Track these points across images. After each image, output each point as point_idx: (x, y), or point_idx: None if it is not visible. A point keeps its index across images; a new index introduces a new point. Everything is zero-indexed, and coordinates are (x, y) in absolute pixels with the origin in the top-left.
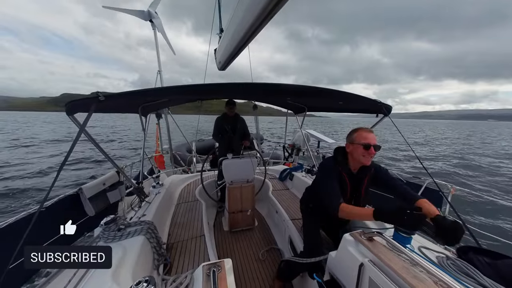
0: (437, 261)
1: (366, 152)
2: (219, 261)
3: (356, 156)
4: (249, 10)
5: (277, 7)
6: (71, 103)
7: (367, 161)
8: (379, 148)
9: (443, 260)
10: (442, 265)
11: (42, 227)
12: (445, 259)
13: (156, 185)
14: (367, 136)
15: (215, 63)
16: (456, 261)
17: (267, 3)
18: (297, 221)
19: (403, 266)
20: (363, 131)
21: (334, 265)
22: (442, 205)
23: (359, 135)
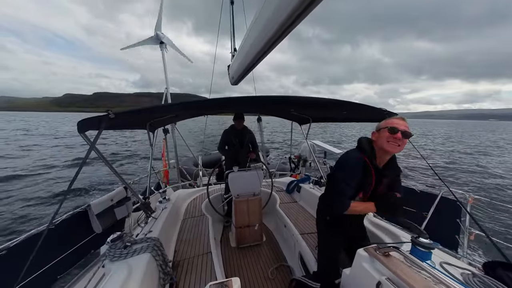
0: (462, 278)
1: (391, 136)
2: (226, 280)
3: (381, 144)
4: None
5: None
6: (82, 121)
7: (393, 148)
8: (409, 135)
9: (469, 277)
10: (468, 283)
11: (50, 245)
12: (471, 276)
13: (163, 200)
14: (394, 121)
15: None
16: (483, 278)
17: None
18: (307, 235)
19: (425, 285)
20: (393, 118)
21: (349, 283)
22: (461, 216)
23: (387, 122)
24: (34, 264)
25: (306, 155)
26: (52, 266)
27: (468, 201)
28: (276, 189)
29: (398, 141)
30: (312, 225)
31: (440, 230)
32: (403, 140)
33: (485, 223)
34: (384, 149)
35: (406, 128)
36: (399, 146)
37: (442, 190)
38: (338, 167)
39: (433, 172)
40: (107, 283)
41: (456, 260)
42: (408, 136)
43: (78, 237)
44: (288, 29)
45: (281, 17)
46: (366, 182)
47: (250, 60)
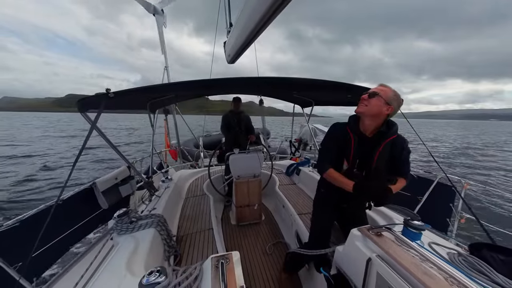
0: (448, 257)
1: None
2: (227, 253)
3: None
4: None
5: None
6: (82, 100)
7: (358, 108)
8: (373, 94)
9: (454, 256)
10: (453, 261)
11: (59, 219)
12: (457, 255)
13: (165, 179)
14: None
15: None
16: (468, 258)
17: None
18: (304, 215)
19: (413, 262)
20: None
21: (341, 259)
22: (454, 201)
23: None
24: (47, 235)
25: (307, 139)
26: (64, 237)
27: (464, 186)
28: (276, 172)
29: (363, 101)
30: (309, 206)
31: (433, 213)
32: (369, 100)
33: (477, 209)
34: (356, 112)
35: (375, 90)
36: (366, 106)
37: (439, 176)
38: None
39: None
40: (117, 253)
41: (444, 241)
42: (373, 95)
43: (86, 212)
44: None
45: None
46: (346, 148)
47: (247, 34)
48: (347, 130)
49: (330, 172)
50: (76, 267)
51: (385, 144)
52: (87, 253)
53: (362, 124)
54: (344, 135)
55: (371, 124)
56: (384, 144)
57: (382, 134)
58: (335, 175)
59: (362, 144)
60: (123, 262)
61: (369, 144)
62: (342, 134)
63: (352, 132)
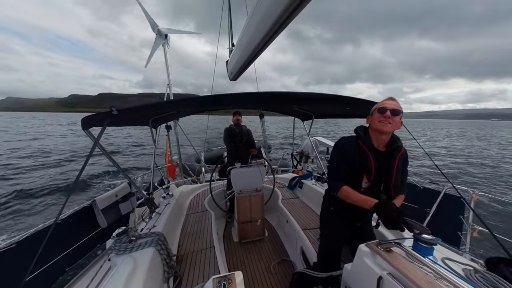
0: (464, 274)
1: (381, 116)
2: (229, 274)
3: (373, 125)
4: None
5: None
6: (86, 118)
7: (384, 126)
8: (397, 112)
9: (470, 273)
10: (470, 278)
11: (57, 240)
12: (473, 272)
13: (166, 195)
14: (384, 102)
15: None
16: (485, 274)
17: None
18: (309, 231)
19: (427, 280)
20: (384, 100)
21: (350, 278)
22: (464, 212)
23: (377, 104)
24: (43, 257)
25: (309, 151)
26: (61, 259)
27: (472, 197)
28: (278, 185)
29: (388, 119)
30: (314, 221)
31: (443, 226)
32: (393, 118)
33: (490, 220)
34: (377, 129)
35: (395, 107)
36: (390, 124)
37: (446, 187)
38: (331, 154)
39: (437, 170)
40: (114, 276)
41: (458, 256)
42: (397, 113)
43: (85, 232)
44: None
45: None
46: (364, 164)
47: (249, 54)
48: (360, 145)
49: (345, 190)
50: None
51: (399, 157)
52: (83, 276)
53: (376, 139)
54: (355, 150)
55: (386, 139)
56: (398, 157)
57: (394, 148)
58: (351, 193)
59: (378, 159)
60: (120, 285)
61: (383, 159)
62: (353, 149)
63: (367, 147)
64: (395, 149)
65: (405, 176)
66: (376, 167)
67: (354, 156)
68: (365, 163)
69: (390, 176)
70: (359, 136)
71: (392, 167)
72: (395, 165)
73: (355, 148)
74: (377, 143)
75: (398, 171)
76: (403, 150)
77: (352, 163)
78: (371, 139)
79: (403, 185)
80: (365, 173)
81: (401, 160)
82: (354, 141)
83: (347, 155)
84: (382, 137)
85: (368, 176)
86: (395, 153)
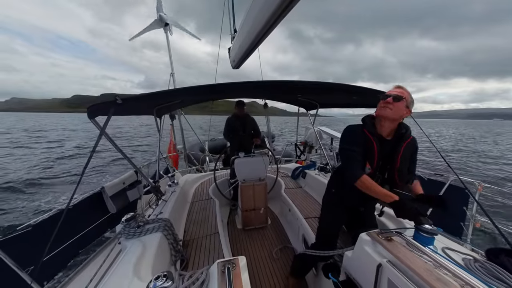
0: (464, 263)
1: (383, 102)
2: (233, 258)
3: (377, 112)
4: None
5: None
6: (91, 107)
7: (383, 111)
8: (399, 98)
9: (470, 262)
10: (469, 267)
11: (70, 224)
12: (473, 261)
13: (172, 184)
14: (391, 90)
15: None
16: (485, 264)
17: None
18: (311, 219)
19: (425, 268)
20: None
21: (350, 264)
22: (468, 204)
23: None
24: (57, 240)
25: (313, 142)
26: (74, 241)
27: (478, 189)
28: (282, 175)
29: (388, 105)
30: (316, 210)
31: (446, 217)
32: (394, 104)
33: (494, 212)
34: (378, 115)
35: (397, 93)
36: (390, 110)
37: (450, 178)
38: (341, 140)
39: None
40: (124, 258)
41: (458, 246)
42: (399, 99)
43: (95, 217)
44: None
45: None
46: (368, 151)
47: (251, 40)
48: (365, 133)
49: (365, 179)
50: (85, 271)
51: (405, 146)
52: (95, 257)
53: (380, 127)
54: (362, 137)
55: (390, 126)
56: (405, 146)
57: (401, 136)
58: (372, 184)
59: (382, 147)
60: (130, 266)
61: (388, 147)
62: (360, 135)
63: (372, 135)
64: (402, 136)
65: (413, 165)
66: (379, 154)
67: (361, 143)
68: (369, 150)
69: (394, 163)
70: (365, 124)
71: (397, 155)
72: (400, 153)
73: (362, 135)
74: (381, 130)
75: (403, 159)
76: (411, 138)
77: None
78: (376, 126)
79: (412, 173)
80: (368, 160)
81: (408, 148)
82: (361, 128)
83: (356, 139)
84: (385, 123)
85: (371, 163)
86: (401, 141)
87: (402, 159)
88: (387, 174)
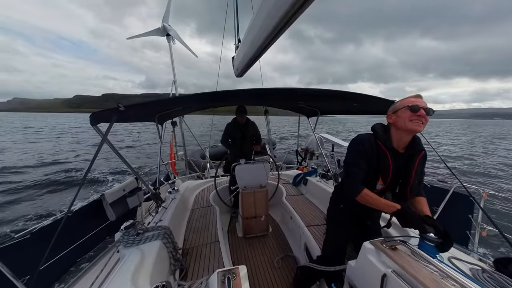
0: (471, 274)
1: (414, 115)
2: (233, 267)
3: (402, 124)
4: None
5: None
6: (94, 114)
7: (418, 126)
8: (432, 111)
9: (478, 273)
10: (477, 278)
11: (68, 232)
12: (481, 272)
13: (172, 190)
14: (412, 99)
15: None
16: (493, 275)
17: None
18: (313, 227)
19: (432, 279)
20: (409, 97)
21: (353, 274)
22: (473, 211)
23: (404, 101)
24: (55, 248)
25: (314, 148)
26: (72, 250)
27: (482, 196)
28: (283, 182)
29: (421, 118)
30: (318, 217)
31: (451, 225)
32: (426, 117)
33: (500, 220)
34: (407, 129)
35: (426, 105)
36: (423, 124)
37: (454, 185)
38: (347, 152)
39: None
40: (122, 267)
41: (465, 256)
42: (431, 112)
43: (94, 224)
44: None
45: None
46: (382, 166)
47: (255, 50)
48: (379, 145)
49: (366, 194)
50: (82, 280)
51: (419, 160)
52: (93, 266)
53: (398, 140)
54: (373, 149)
55: (408, 139)
56: (418, 160)
57: (413, 149)
58: (373, 198)
59: (396, 161)
60: (128, 276)
61: (402, 161)
62: (372, 149)
63: (386, 148)
64: (416, 151)
65: (422, 176)
66: (394, 170)
67: (372, 156)
68: (383, 165)
69: (408, 179)
70: (377, 135)
71: (411, 170)
72: (414, 169)
73: (374, 148)
74: (397, 144)
75: (416, 174)
76: (423, 152)
77: (369, 164)
78: (392, 139)
79: (420, 184)
80: (382, 175)
81: (421, 162)
82: (373, 140)
83: (367, 156)
84: (403, 137)
85: (384, 178)
86: (416, 156)
87: (416, 174)
88: (398, 188)
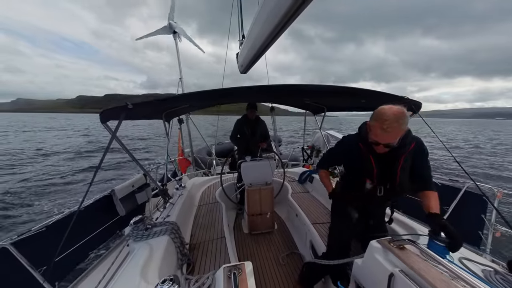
0: (483, 275)
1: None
2: (239, 263)
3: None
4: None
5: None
6: (104, 112)
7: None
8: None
9: (490, 274)
10: (489, 280)
11: (81, 225)
12: (493, 273)
13: (179, 187)
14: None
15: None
16: (507, 276)
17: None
18: (319, 225)
19: (441, 279)
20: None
21: (360, 273)
22: (486, 211)
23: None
24: (69, 241)
25: (320, 146)
26: (85, 243)
27: (497, 196)
28: (288, 179)
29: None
30: (323, 215)
31: (463, 225)
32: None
33: None
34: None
35: (389, 141)
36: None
37: (466, 184)
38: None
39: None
40: (132, 261)
41: (477, 257)
42: (390, 147)
43: (105, 219)
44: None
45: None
46: (366, 167)
47: (259, 46)
48: (361, 148)
49: (320, 174)
50: (94, 272)
51: (404, 158)
52: (105, 259)
53: None
54: (354, 151)
55: None
56: (404, 158)
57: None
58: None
59: (380, 161)
60: (138, 269)
61: (386, 159)
62: (354, 150)
63: (369, 150)
64: (401, 150)
65: (426, 170)
66: (378, 169)
67: (354, 158)
68: (366, 166)
69: (393, 177)
70: (361, 138)
71: (395, 168)
72: (398, 166)
73: (357, 149)
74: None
75: (403, 171)
76: (413, 145)
77: (352, 164)
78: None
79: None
80: (367, 177)
81: (410, 157)
82: (354, 139)
83: (344, 156)
84: None
85: (370, 179)
86: (400, 154)
87: (402, 172)
88: (388, 185)
